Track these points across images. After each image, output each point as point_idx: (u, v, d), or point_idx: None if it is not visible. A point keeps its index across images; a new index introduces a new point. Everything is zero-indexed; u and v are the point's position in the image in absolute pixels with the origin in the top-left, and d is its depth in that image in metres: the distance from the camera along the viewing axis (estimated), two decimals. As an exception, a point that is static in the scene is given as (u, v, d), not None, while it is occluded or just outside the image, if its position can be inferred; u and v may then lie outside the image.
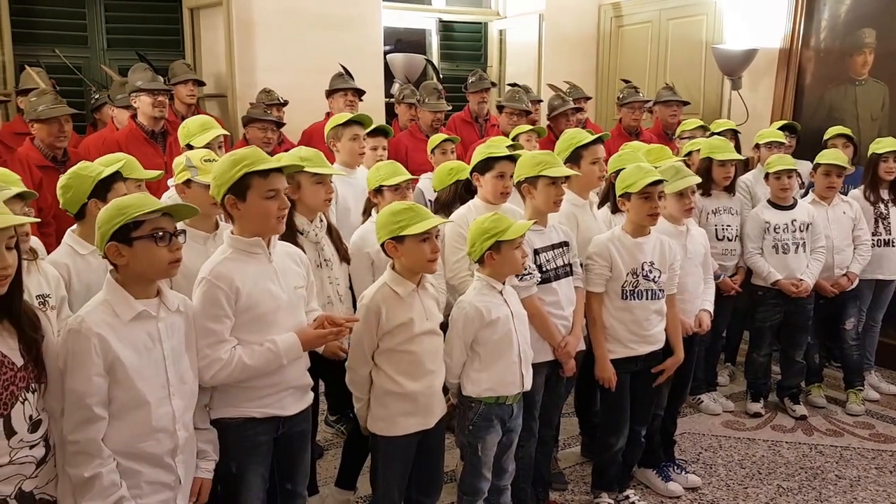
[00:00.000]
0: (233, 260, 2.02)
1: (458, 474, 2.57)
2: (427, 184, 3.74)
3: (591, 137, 2.98)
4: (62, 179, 2.41)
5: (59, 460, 1.70)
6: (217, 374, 1.96)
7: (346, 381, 2.36)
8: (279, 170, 2.04)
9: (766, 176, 3.78)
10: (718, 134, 4.10)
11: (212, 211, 2.39)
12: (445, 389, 2.62)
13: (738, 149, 3.99)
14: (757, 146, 4.26)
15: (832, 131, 4.32)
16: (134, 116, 3.91)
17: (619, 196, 2.78)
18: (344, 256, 2.74)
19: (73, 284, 2.29)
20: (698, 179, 3.07)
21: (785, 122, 4.77)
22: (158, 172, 2.80)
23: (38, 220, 2.16)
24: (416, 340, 2.25)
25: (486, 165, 2.85)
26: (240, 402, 2.06)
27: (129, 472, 1.76)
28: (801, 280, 3.72)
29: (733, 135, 4.24)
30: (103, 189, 2.34)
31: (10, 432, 1.58)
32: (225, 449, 2.04)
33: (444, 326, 2.45)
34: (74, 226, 2.44)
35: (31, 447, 1.63)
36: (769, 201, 3.80)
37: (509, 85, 5.38)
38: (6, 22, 4.81)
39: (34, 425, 1.63)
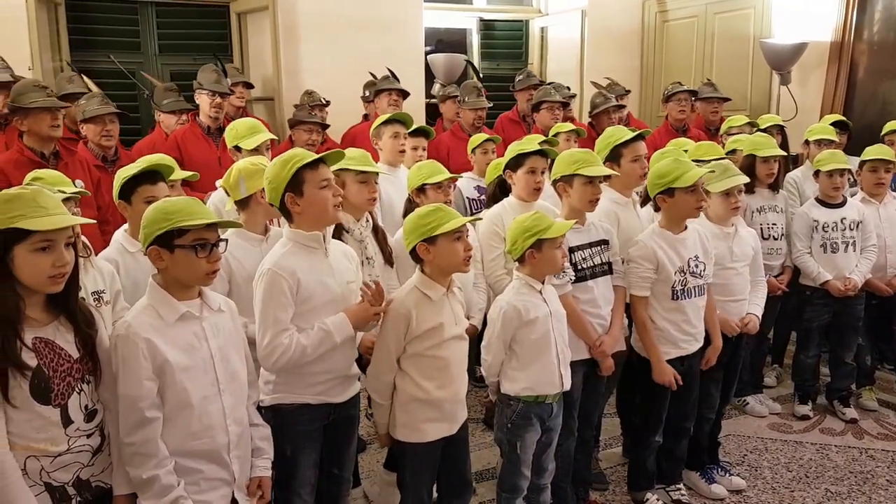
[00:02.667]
0: (293, 254, 2.11)
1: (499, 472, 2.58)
2: (465, 183, 3.76)
3: (631, 135, 2.94)
4: None
5: (113, 450, 1.77)
6: (279, 359, 2.04)
7: (366, 386, 2.35)
8: (324, 161, 2.16)
9: (816, 173, 3.69)
10: (763, 130, 4.01)
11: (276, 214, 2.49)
12: (480, 380, 2.60)
13: (785, 144, 3.88)
14: (806, 142, 4.14)
15: (890, 125, 4.17)
16: (196, 114, 4.17)
17: (659, 193, 2.72)
18: (388, 259, 2.77)
19: (121, 280, 2.37)
20: (746, 179, 2.98)
21: (835, 117, 4.63)
22: (192, 173, 2.88)
23: (94, 220, 2.26)
24: (445, 345, 2.24)
25: (517, 162, 2.85)
26: (295, 388, 2.15)
27: (189, 470, 1.81)
28: (849, 278, 3.62)
29: (779, 130, 4.15)
30: (128, 191, 2.43)
31: (67, 421, 1.66)
32: (280, 434, 2.10)
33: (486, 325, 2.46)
34: (126, 224, 2.55)
35: (88, 436, 1.71)
36: (817, 199, 3.70)
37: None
38: (63, 30, 5.01)
39: (90, 415, 1.71)
